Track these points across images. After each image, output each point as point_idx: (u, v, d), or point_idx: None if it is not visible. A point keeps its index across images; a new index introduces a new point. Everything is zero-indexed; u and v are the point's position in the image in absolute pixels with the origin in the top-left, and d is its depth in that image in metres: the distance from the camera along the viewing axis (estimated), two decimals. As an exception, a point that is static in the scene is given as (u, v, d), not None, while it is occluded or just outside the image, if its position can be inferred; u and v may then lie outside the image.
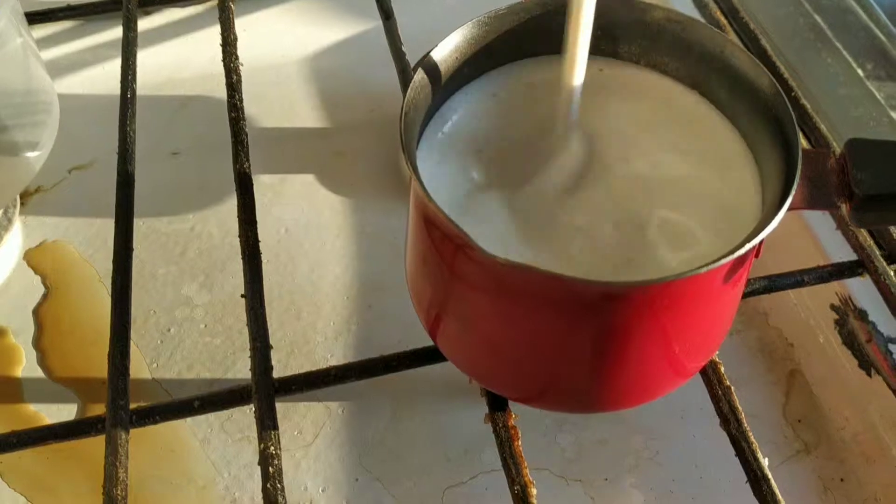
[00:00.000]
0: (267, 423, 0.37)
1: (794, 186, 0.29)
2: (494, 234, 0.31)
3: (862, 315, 0.45)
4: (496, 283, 0.30)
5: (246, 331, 0.39)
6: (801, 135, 0.46)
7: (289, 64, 0.63)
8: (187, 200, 0.55)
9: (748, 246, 0.27)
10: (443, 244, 0.30)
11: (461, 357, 0.35)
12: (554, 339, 0.31)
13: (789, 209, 0.29)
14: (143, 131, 0.58)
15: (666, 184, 0.33)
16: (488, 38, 0.35)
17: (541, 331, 0.31)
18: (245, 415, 0.46)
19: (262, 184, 0.56)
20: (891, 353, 0.43)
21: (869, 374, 0.44)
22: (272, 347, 0.39)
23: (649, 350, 0.32)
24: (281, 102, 0.60)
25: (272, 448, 0.36)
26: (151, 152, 0.57)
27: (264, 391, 0.38)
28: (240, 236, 0.42)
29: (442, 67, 0.34)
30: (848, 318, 0.46)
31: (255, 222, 0.43)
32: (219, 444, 0.45)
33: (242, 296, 0.41)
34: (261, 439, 0.36)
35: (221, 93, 0.49)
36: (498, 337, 0.32)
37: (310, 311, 0.50)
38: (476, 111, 0.35)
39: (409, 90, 0.32)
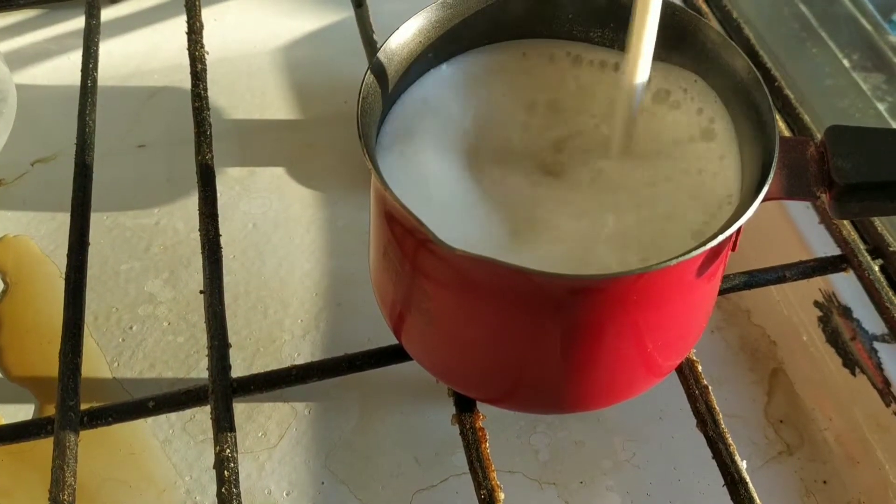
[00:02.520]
0: (223, 425, 0.35)
1: (771, 175, 0.27)
2: (458, 226, 0.30)
3: (846, 312, 0.44)
4: (458, 277, 0.28)
5: None
6: (781, 123, 0.44)
7: (260, 54, 0.61)
8: (153, 194, 0.53)
9: (721, 237, 0.26)
10: (403, 238, 0.29)
11: (426, 356, 0.33)
12: (520, 337, 0.29)
13: (766, 199, 0.28)
14: (109, 123, 0.57)
15: (648, 175, 0.32)
16: (453, 22, 0.33)
17: (506, 328, 0.29)
18: (208, 415, 0.44)
19: (231, 177, 0.54)
20: (875, 352, 0.42)
21: (853, 373, 0.43)
22: (231, 346, 0.37)
23: (620, 347, 0.30)
24: (251, 93, 0.59)
25: (228, 451, 0.34)
26: (117, 144, 0.56)
27: (221, 392, 0.36)
28: (200, 230, 0.41)
29: (404, 51, 0.32)
30: (832, 316, 0.44)
31: (217, 216, 0.41)
32: (180, 446, 0.44)
33: (201, 292, 0.39)
34: (216, 442, 0.35)
35: (190, 84, 0.48)
36: (462, 335, 0.30)
37: (277, 308, 0.48)
38: (440, 98, 0.33)
39: (367, 73, 0.30)
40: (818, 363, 0.45)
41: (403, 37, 0.32)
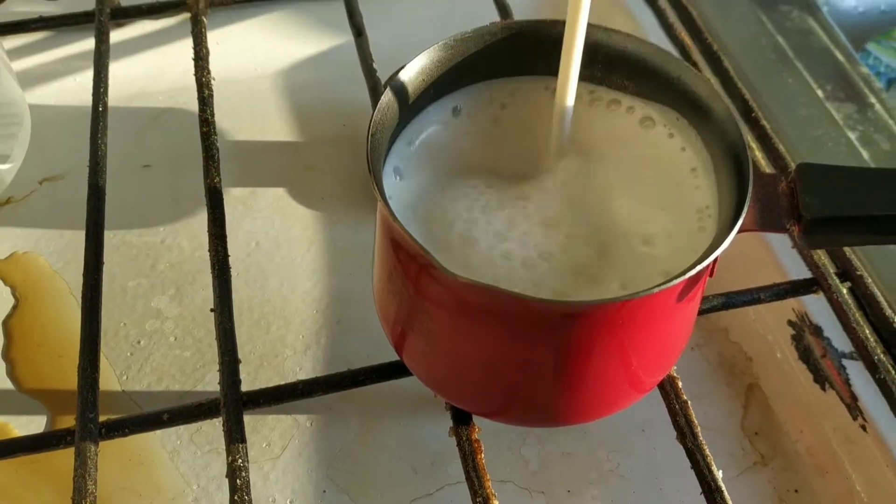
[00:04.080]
0: (235, 437, 0.37)
1: (745, 209, 0.30)
2: (460, 252, 0.32)
3: (817, 331, 0.46)
4: (458, 301, 0.31)
5: (215, 344, 0.39)
6: (758, 157, 0.47)
7: (262, 77, 0.63)
8: (158, 213, 0.55)
9: (699, 267, 0.29)
10: (407, 263, 0.31)
11: (425, 372, 0.36)
12: (514, 356, 0.32)
13: (740, 231, 0.31)
14: (115, 143, 0.58)
15: (632, 203, 0.34)
16: (454, 61, 0.36)
17: (502, 347, 0.32)
18: (214, 427, 0.46)
19: (234, 197, 0.56)
20: (844, 369, 0.45)
21: (823, 389, 0.46)
22: (240, 361, 0.40)
23: (607, 366, 0.33)
24: (253, 116, 0.61)
25: (240, 461, 0.36)
26: (123, 164, 0.58)
27: (232, 405, 0.38)
28: (209, 251, 0.43)
29: (409, 88, 0.35)
30: (804, 334, 0.47)
31: (225, 237, 0.44)
32: (188, 456, 0.46)
33: (212, 310, 0.41)
34: (229, 452, 0.37)
35: (194, 105, 0.50)
36: (460, 353, 0.33)
37: (279, 324, 0.50)
38: (442, 130, 0.36)
39: (375, 111, 0.33)
40: (791, 379, 0.47)
41: (408, 75, 0.34)
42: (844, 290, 0.43)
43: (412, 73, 0.34)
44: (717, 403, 0.48)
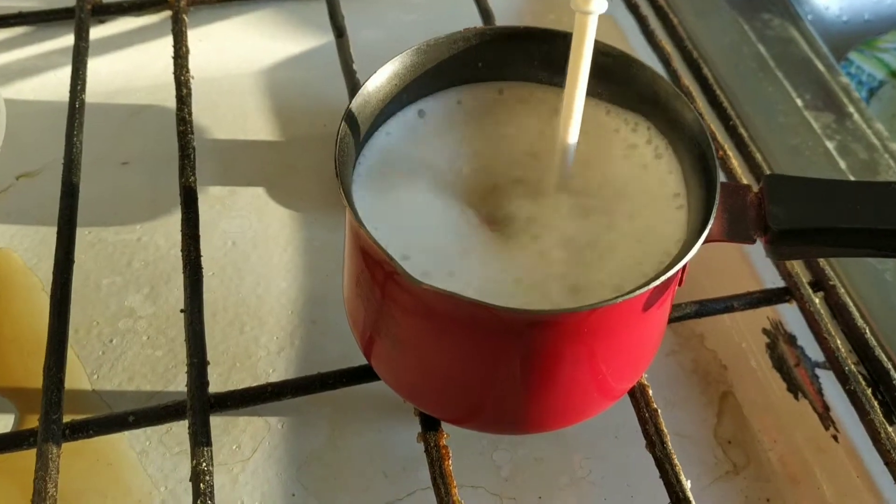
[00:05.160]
0: (200, 440, 0.37)
1: (711, 219, 0.30)
2: (429, 256, 0.32)
3: (791, 340, 0.46)
4: (425, 308, 0.30)
5: None
6: (734, 165, 0.47)
7: (243, 76, 0.63)
8: (135, 211, 0.55)
9: (664, 277, 0.28)
10: (374, 269, 0.31)
11: (393, 377, 0.35)
12: (482, 363, 0.32)
13: (707, 241, 0.30)
14: (93, 140, 0.58)
15: (604, 211, 0.34)
16: (426, 66, 0.35)
17: (469, 355, 0.32)
18: (184, 428, 0.46)
19: (211, 195, 0.56)
20: (817, 378, 0.45)
21: (796, 398, 0.46)
22: (209, 363, 0.39)
23: (574, 374, 0.32)
24: (233, 114, 0.60)
25: (204, 465, 0.36)
26: (101, 161, 0.57)
27: (199, 407, 0.38)
28: (182, 251, 0.43)
29: (381, 92, 0.34)
30: (778, 343, 0.47)
31: (198, 237, 0.43)
32: (157, 457, 0.45)
33: (182, 310, 0.41)
34: (193, 456, 0.37)
35: (174, 103, 0.50)
36: (427, 360, 0.33)
37: (253, 325, 0.50)
38: (413, 135, 0.36)
39: (345, 115, 0.33)
40: (765, 387, 0.47)
41: (379, 80, 0.34)
42: (817, 300, 0.43)
43: (384, 77, 0.34)
44: (691, 411, 0.48)
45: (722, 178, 0.38)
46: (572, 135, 0.33)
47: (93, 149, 0.58)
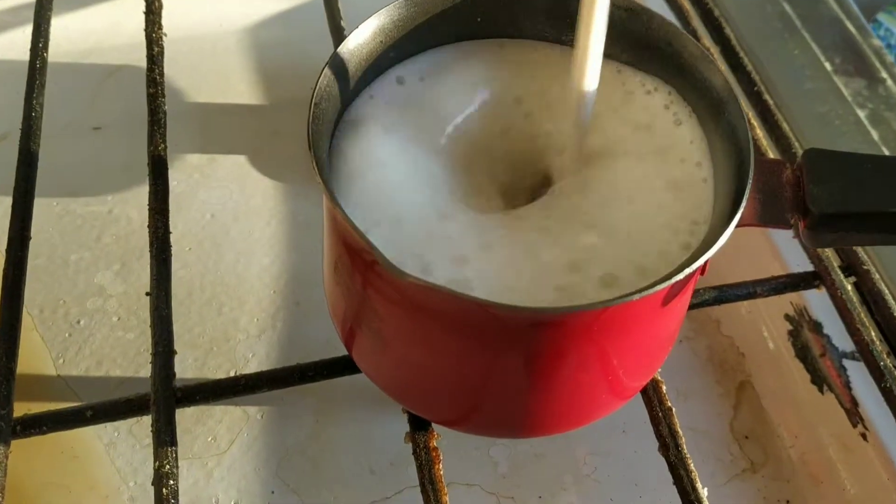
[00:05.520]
0: (164, 439, 0.33)
1: (744, 201, 0.26)
2: (416, 243, 0.28)
3: (816, 327, 0.43)
4: (411, 305, 0.26)
5: None
6: (759, 134, 0.43)
7: (226, 34, 0.58)
8: (107, 180, 0.51)
9: (687, 271, 0.24)
10: (353, 256, 0.27)
11: (377, 374, 0.32)
12: (477, 365, 0.28)
13: (738, 226, 0.26)
14: (63, 103, 0.54)
15: (620, 191, 0.30)
16: (417, 21, 0.31)
17: (462, 355, 0.28)
18: (157, 417, 0.43)
19: (189, 164, 0.52)
20: (844, 370, 0.41)
21: (821, 391, 0.42)
22: (184, 348, 0.36)
23: (583, 375, 0.29)
24: (215, 75, 0.56)
25: (168, 466, 0.33)
26: (71, 126, 0.53)
27: (163, 402, 0.34)
28: (149, 227, 0.39)
29: (363, 52, 0.30)
30: (802, 330, 0.43)
31: (168, 212, 0.40)
32: (125, 450, 0.42)
33: (148, 293, 0.37)
34: (156, 456, 0.33)
35: None
36: (414, 358, 0.29)
37: (232, 305, 0.46)
38: (401, 99, 0.31)
39: (320, 78, 0.28)
40: (786, 378, 0.44)
41: (361, 38, 0.30)
42: (849, 286, 0.38)
43: (367, 33, 0.30)
44: (705, 403, 0.44)
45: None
46: (585, 104, 0.29)
47: (62, 113, 0.54)
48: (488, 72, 0.32)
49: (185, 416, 0.42)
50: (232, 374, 0.44)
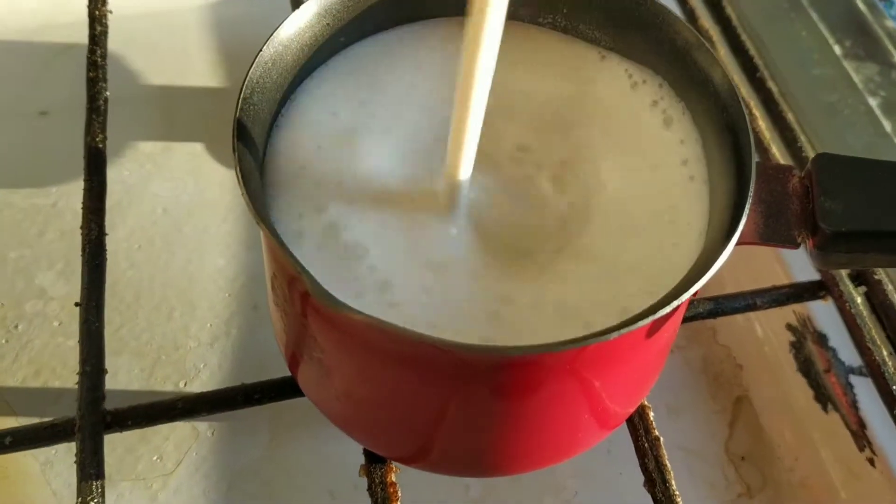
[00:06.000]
0: (88, 472, 0.30)
1: (743, 218, 0.22)
2: (361, 263, 0.24)
3: (821, 340, 0.39)
4: (354, 338, 0.23)
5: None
6: (761, 127, 0.39)
7: (185, 11, 0.54)
8: (51, 170, 0.47)
9: (675, 303, 0.21)
10: (290, 279, 0.23)
11: (323, 405, 0.28)
12: (434, 405, 0.24)
13: (738, 244, 0.23)
14: (7, 84, 0.50)
15: (597, 199, 0.26)
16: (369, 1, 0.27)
17: (415, 394, 0.24)
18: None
19: (142, 152, 0.48)
20: (851, 387, 0.37)
21: (825, 409, 0.39)
22: (106, 372, 0.32)
23: (556, 414, 0.25)
24: (173, 55, 0.52)
25: (93, 502, 0.29)
26: (14, 110, 0.49)
27: (90, 428, 0.31)
28: (82, 229, 0.35)
29: (306, 35, 0.26)
30: (805, 342, 0.40)
31: (103, 211, 0.36)
32: (63, 469, 0.38)
33: (77, 304, 0.33)
34: (79, 491, 0.29)
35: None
36: (361, 394, 0.25)
37: (183, 310, 0.42)
38: (351, 88, 0.27)
39: (253, 67, 0.24)
40: (787, 394, 0.40)
41: (302, 21, 0.26)
42: (858, 298, 0.35)
43: (309, 15, 0.26)
44: (698, 420, 0.41)
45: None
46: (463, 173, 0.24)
47: (4, 95, 0.50)
48: (451, 57, 0.28)
49: (127, 434, 0.39)
50: (181, 385, 0.40)
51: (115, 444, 0.39)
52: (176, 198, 0.46)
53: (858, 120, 0.44)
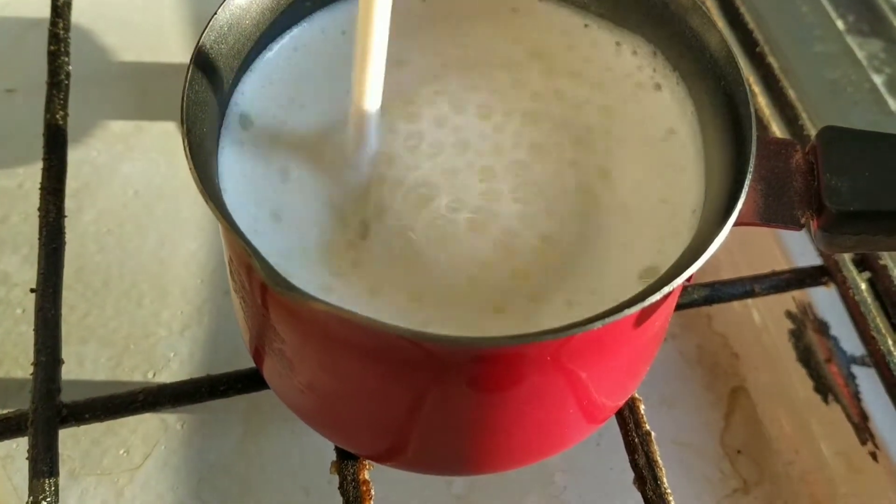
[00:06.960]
0: (41, 468, 0.28)
1: (742, 197, 0.20)
2: (316, 250, 0.22)
3: (822, 328, 0.37)
4: (313, 328, 0.21)
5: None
6: (760, 103, 0.37)
7: (160, -16, 0.52)
8: (18, 150, 0.45)
9: (666, 290, 0.19)
10: (244, 262, 0.21)
11: (289, 399, 0.26)
12: (407, 400, 0.22)
13: (735, 224, 0.21)
14: (-29, 60, 0.48)
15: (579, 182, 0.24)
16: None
17: (386, 389, 0.22)
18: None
19: (112, 132, 0.46)
20: (853, 378, 0.36)
21: (825, 401, 0.37)
22: (63, 363, 0.30)
23: (540, 408, 0.23)
24: (146, 30, 0.50)
25: (45, 502, 0.27)
26: (-21, 87, 0.47)
27: (43, 423, 0.29)
28: (39, 210, 0.33)
29: (261, 5, 0.24)
30: (805, 330, 0.38)
31: (62, 192, 0.34)
32: (24, 464, 0.36)
33: (33, 290, 0.31)
34: (31, 490, 0.28)
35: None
36: (327, 388, 0.23)
37: (154, 296, 0.40)
38: (315, 58, 0.25)
39: (205, 32, 0.22)
40: (786, 385, 0.38)
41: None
42: (863, 285, 0.33)
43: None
44: (693, 412, 0.39)
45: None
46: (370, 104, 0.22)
47: (-32, 72, 0.47)
48: (413, 30, 0.26)
49: (94, 425, 0.37)
50: (150, 375, 0.38)
51: (80, 437, 0.37)
52: (147, 179, 0.44)
53: (862, 98, 0.42)
